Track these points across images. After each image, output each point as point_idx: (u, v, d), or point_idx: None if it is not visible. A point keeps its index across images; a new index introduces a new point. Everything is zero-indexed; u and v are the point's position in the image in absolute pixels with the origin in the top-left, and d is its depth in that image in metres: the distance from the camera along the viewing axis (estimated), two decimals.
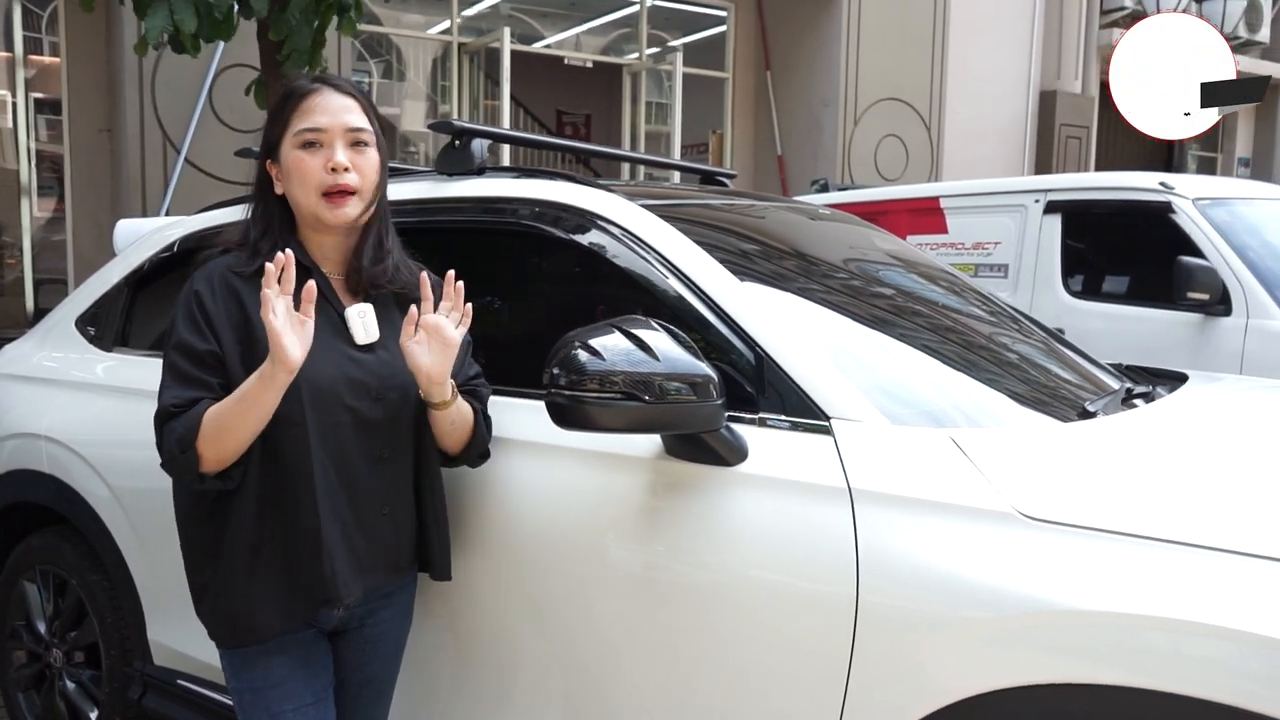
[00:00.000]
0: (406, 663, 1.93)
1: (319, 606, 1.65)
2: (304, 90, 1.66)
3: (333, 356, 1.63)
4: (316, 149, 1.63)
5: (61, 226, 7.46)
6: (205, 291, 1.62)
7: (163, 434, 1.57)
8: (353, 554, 1.65)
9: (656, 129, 10.27)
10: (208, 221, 2.60)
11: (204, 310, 1.60)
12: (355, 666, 1.78)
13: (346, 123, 1.65)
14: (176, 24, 4.10)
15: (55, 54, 7.36)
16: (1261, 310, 4.11)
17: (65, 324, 2.83)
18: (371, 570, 1.69)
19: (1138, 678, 1.30)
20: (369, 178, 1.67)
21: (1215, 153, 15.25)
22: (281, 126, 1.66)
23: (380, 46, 9.45)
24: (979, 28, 10.97)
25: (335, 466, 1.63)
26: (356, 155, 1.65)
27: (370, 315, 1.69)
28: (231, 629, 1.65)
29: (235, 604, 1.63)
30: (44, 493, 2.65)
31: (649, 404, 1.53)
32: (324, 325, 1.64)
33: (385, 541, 1.70)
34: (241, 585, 1.62)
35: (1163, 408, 2.03)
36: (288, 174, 1.65)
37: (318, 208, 1.64)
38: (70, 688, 2.65)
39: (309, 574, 1.61)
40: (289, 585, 1.62)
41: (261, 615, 1.62)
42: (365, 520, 1.67)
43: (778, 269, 2.12)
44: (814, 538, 1.55)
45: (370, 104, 1.71)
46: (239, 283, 1.64)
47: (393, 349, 1.67)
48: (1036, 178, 5.37)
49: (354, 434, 1.65)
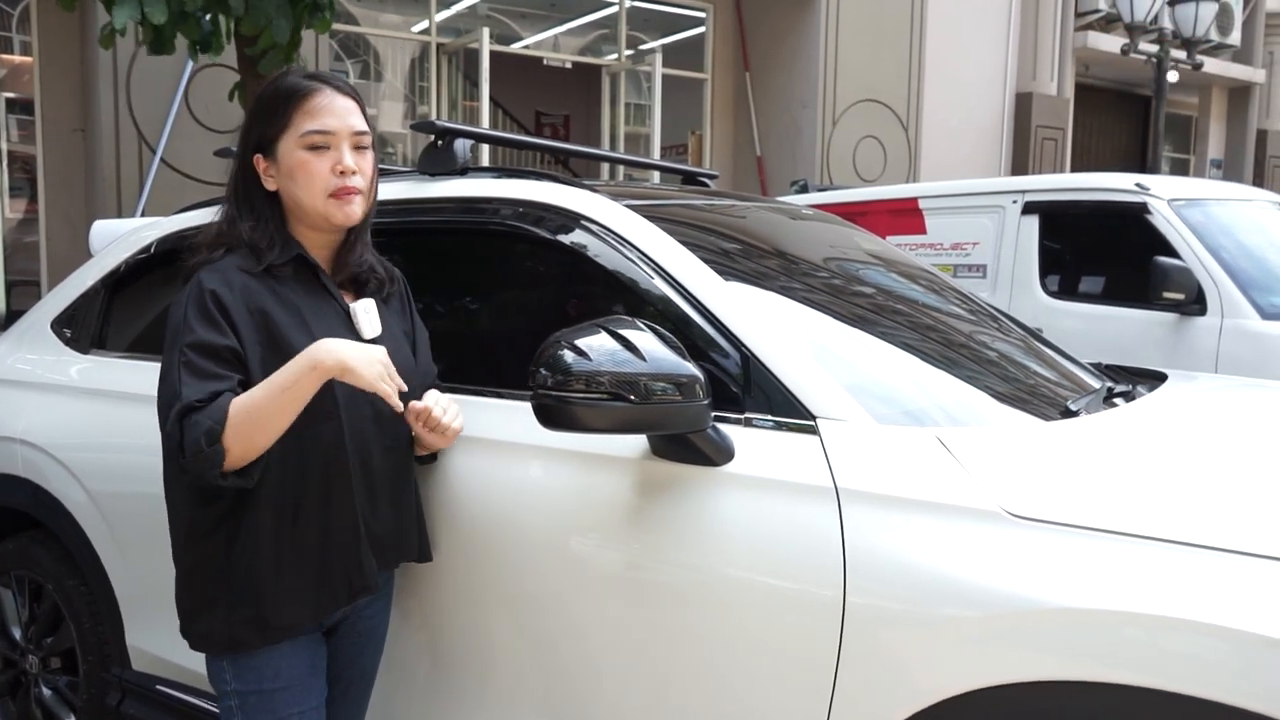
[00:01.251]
0: (387, 662, 1.92)
1: (356, 596, 1.68)
2: (307, 89, 1.65)
3: None
4: (324, 151, 1.64)
5: (34, 228, 7.37)
6: (222, 289, 1.59)
7: (183, 429, 1.49)
8: (375, 543, 1.70)
9: (636, 130, 10.28)
10: (185, 222, 2.57)
11: (222, 307, 1.58)
12: (349, 661, 1.80)
13: (353, 125, 1.66)
14: (146, 15, 4.04)
15: (27, 53, 7.27)
16: (1236, 310, 4.16)
17: (41, 326, 2.79)
18: (384, 559, 1.74)
19: (1123, 674, 1.31)
20: (370, 178, 1.70)
21: (1188, 154, 15.44)
22: (282, 125, 1.64)
23: (358, 47, 9.40)
24: (956, 30, 11.05)
25: (361, 458, 1.67)
26: (359, 157, 1.67)
27: (373, 310, 1.73)
28: (257, 631, 1.61)
29: (261, 607, 1.60)
30: (19, 497, 2.61)
31: (635, 404, 1.53)
32: (336, 321, 1.69)
33: (394, 529, 1.75)
34: (268, 586, 1.60)
35: (1143, 406, 2.04)
36: (290, 174, 1.64)
37: (326, 208, 1.65)
38: (47, 694, 2.62)
39: (346, 564, 1.64)
40: (319, 577, 1.63)
41: (292, 611, 1.62)
42: (380, 509, 1.71)
43: (761, 269, 2.12)
44: (800, 537, 1.55)
45: (362, 103, 1.73)
46: (253, 283, 1.63)
47: (388, 343, 1.70)
48: (1014, 178, 5.41)
49: (374, 425, 1.69)
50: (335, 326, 1.66)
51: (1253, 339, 4.09)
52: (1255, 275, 4.29)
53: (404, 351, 1.77)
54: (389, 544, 1.75)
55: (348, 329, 1.69)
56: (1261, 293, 4.21)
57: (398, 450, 1.75)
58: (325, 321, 1.67)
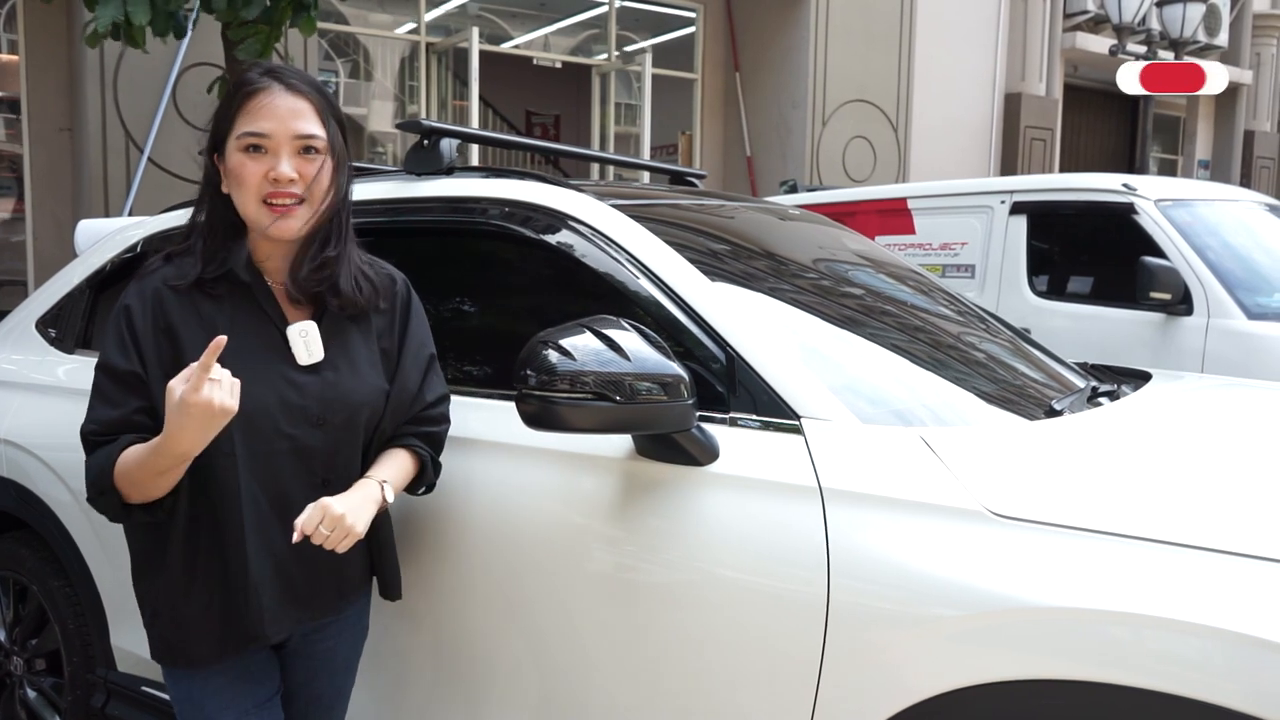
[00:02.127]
0: (377, 662, 1.92)
1: (248, 644, 1.57)
2: (252, 86, 1.52)
3: (269, 380, 1.53)
4: (261, 154, 1.51)
5: (21, 227, 7.34)
6: (136, 308, 1.52)
7: (87, 468, 1.51)
8: (286, 588, 1.58)
9: (626, 130, 10.27)
10: (171, 222, 2.56)
11: (131, 328, 1.51)
12: (302, 683, 1.73)
13: (294, 129, 1.51)
14: (128, 15, 4.03)
15: (13, 51, 7.23)
16: (1222, 310, 4.18)
17: (26, 326, 2.78)
18: (308, 602, 1.62)
19: (1105, 673, 1.31)
20: (318, 187, 1.54)
21: (1176, 155, 15.50)
22: (228, 123, 1.53)
23: (347, 46, 9.37)
24: (945, 31, 11.08)
25: (268, 497, 1.54)
26: (304, 163, 1.53)
27: (313, 334, 1.57)
28: (167, 650, 1.59)
29: (172, 627, 1.57)
30: (3, 498, 2.60)
31: (620, 404, 1.53)
32: (261, 346, 1.55)
33: (326, 571, 1.62)
34: (180, 609, 1.56)
35: (1127, 406, 2.05)
36: (229, 176, 1.54)
37: (258, 216, 1.52)
38: (31, 696, 2.60)
39: (236, 610, 1.54)
40: (221, 618, 1.55)
41: (196, 644, 1.56)
42: (303, 551, 1.55)
43: (748, 269, 2.13)
44: (785, 537, 1.55)
45: (327, 102, 1.57)
46: (172, 299, 1.53)
47: (341, 369, 1.59)
48: (1003, 179, 5.43)
49: (291, 461, 1.55)
50: (258, 352, 1.53)
51: (1238, 339, 4.11)
52: (1241, 275, 4.32)
53: (360, 382, 1.61)
54: (320, 589, 1.62)
55: (278, 355, 1.55)
56: (1247, 293, 4.23)
57: (337, 488, 1.56)
58: (245, 347, 1.52)
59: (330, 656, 1.74)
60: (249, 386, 1.44)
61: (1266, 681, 1.22)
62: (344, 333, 1.62)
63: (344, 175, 1.60)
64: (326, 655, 1.73)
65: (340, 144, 1.59)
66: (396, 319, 1.71)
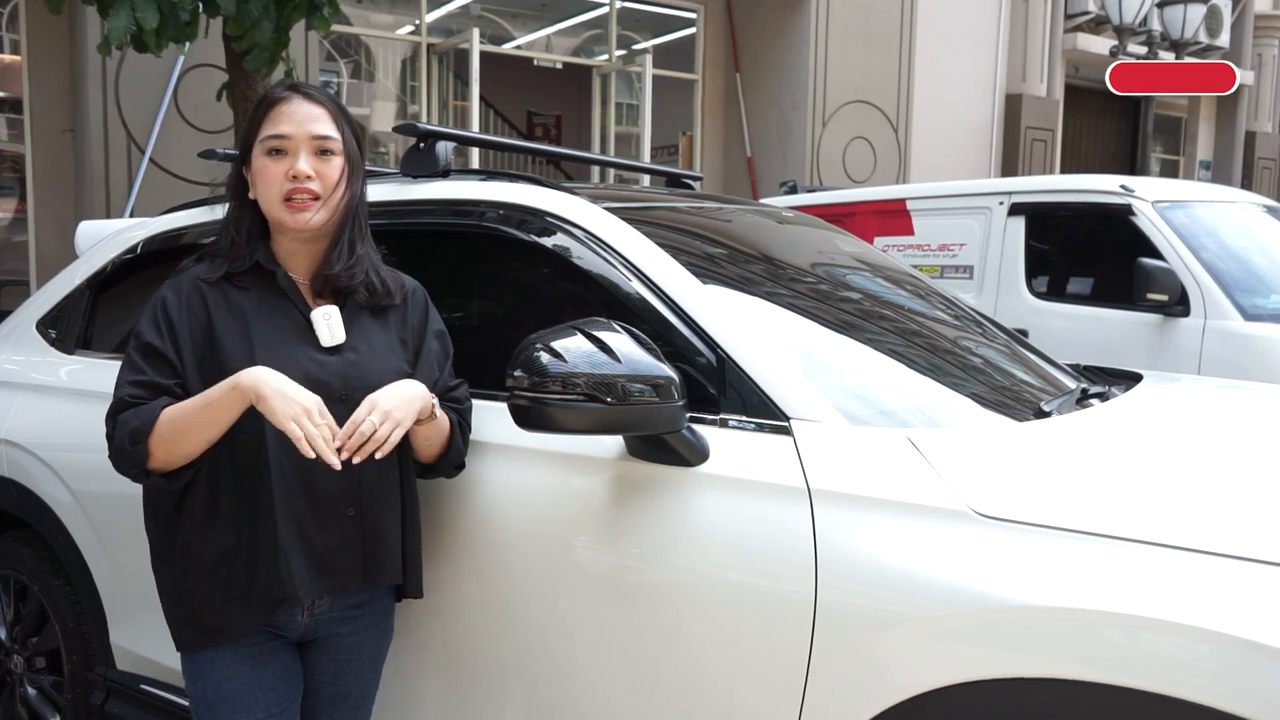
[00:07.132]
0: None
1: (277, 605, 1.64)
2: (275, 98, 1.70)
3: (295, 359, 1.64)
4: (282, 156, 1.66)
5: (23, 227, 7.36)
6: (171, 298, 1.67)
7: (114, 425, 1.60)
8: (311, 554, 1.65)
9: (626, 130, 10.29)
10: (172, 223, 2.58)
11: (167, 315, 1.65)
12: (327, 679, 1.77)
13: (311, 131, 1.67)
14: (139, 21, 4.06)
15: (16, 52, 7.26)
16: (1218, 311, 4.19)
17: (26, 326, 2.80)
18: (332, 570, 1.67)
19: (1091, 672, 1.33)
20: (330, 182, 1.68)
21: (1177, 156, 15.50)
22: (253, 132, 1.70)
23: (349, 47, 9.40)
24: (945, 31, 11.09)
25: (294, 467, 1.63)
26: (321, 163, 1.68)
27: (336, 317, 1.69)
28: (193, 632, 1.66)
29: (197, 607, 1.64)
30: (4, 497, 2.62)
31: (611, 405, 1.55)
32: (288, 328, 1.68)
33: (350, 543, 1.69)
34: (203, 587, 1.64)
35: (1116, 407, 2.07)
36: (255, 179, 1.69)
37: (280, 213, 1.67)
38: (31, 694, 2.62)
39: (265, 572, 1.62)
40: (246, 587, 1.63)
41: (221, 618, 1.63)
42: (326, 521, 1.66)
43: (740, 272, 2.14)
44: (774, 537, 1.57)
45: (342, 112, 1.73)
46: (206, 289, 1.68)
47: (361, 351, 1.69)
48: (1001, 180, 5.45)
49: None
50: (283, 334, 1.66)
51: (1235, 340, 4.12)
52: (1238, 277, 4.33)
53: (381, 362, 1.70)
54: (344, 560, 1.68)
55: (302, 337, 1.67)
56: (1244, 294, 4.24)
57: (366, 465, 1.61)
58: (273, 329, 1.66)
59: (357, 652, 1.78)
60: (276, 364, 1.57)
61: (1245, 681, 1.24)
62: (363, 323, 1.74)
63: (359, 179, 1.74)
64: (352, 649, 1.77)
65: (355, 150, 1.73)
66: (413, 313, 1.81)
